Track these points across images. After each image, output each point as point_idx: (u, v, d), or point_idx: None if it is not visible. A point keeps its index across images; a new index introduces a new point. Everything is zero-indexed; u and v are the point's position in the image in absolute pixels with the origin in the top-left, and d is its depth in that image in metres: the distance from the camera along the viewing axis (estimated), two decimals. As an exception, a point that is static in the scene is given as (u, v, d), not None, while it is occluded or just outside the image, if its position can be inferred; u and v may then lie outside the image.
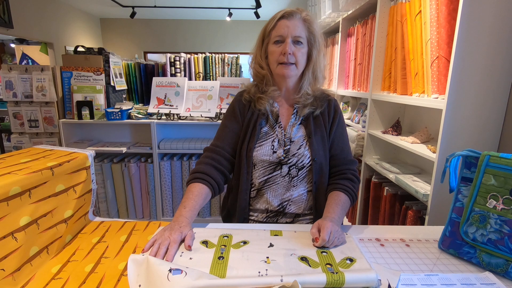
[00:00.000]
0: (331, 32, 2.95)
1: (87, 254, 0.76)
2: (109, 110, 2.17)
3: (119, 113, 2.18)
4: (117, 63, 2.39)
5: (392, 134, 1.78)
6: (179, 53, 2.77)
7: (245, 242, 0.79)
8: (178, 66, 2.67)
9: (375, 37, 1.84)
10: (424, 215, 1.41)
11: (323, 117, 1.04)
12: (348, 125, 2.39)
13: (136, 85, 2.73)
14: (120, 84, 2.43)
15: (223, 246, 0.77)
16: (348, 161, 1.04)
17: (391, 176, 1.66)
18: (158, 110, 2.29)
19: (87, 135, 2.50)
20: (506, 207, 0.67)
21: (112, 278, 0.66)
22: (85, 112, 2.19)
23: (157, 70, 2.70)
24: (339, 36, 2.53)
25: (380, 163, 1.85)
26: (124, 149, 2.25)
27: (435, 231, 0.88)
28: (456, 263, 0.74)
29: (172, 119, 2.27)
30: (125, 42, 7.00)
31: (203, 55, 2.79)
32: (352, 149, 2.14)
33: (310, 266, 0.69)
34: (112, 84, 2.29)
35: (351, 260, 0.72)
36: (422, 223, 1.41)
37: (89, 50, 2.31)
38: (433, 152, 1.35)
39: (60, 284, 0.65)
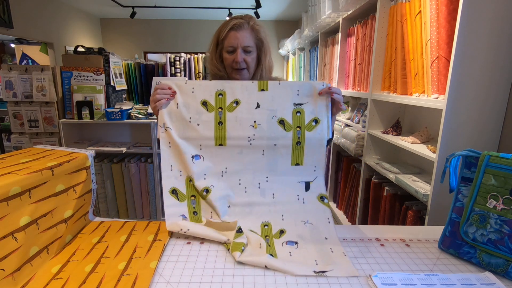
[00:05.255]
0: (331, 32, 2.95)
1: (87, 254, 0.76)
2: (109, 110, 2.17)
3: (119, 113, 2.18)
4: (117, 63, 2.39)
5: (392, 134, 1.78)
6: (179, 53, 2.78)
7: (237, 103, 0.92)
8: (178, 66, 2.68)
9: (375, 37, 1.84)
10: (424, 215, 1.41)
11: None
12: (348, 125, 2.39)
13: (136, 85, 2.73)
14: (120, 84, 2.43)
15: (220, 110, 0.91)
16: None
17: (391, 176, 1.66)
18: (158, 110, 2.29)
19: (87, 135, 2.50)
20: (506, 207, 0.67)
21: (112, 278, 0.66)
22: (85, 112, 2.19)
23: (157, 70, 2.70)
24: (339, 36, 2.53)
25: (380, 163, 1.85)
26: (124, 149, 2.25)
27: (435, 231, 0.88)
28: (456, 263, 0.74)
29: (172, 119, 2.27)
30: (125, 42, 7.00)
31: (203, 55, 2.79)
32: (352, 149, 2.14)
33: (285, 130, 0.89)
34: (112, 84, 2.29)
35: (316, 121, 0.89)
36: (422, 223, 1.41)
37: (89, 50, 2.31)
38: (433, 152, 1.35)
39: (60, 284, 0.65)
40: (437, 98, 1.32)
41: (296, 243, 0.82)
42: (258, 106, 0.91)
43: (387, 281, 0.65)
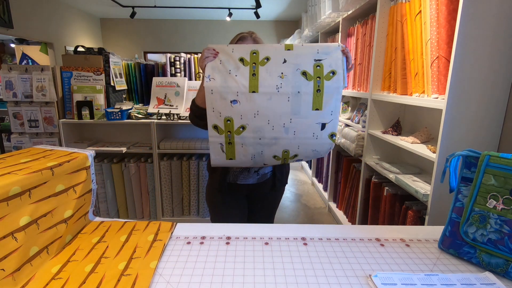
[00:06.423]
0: (331, 32, 2.95)
1: (87, 254, 0.76)
2: (109, 110, 2.18)
3: (119, 113, 2.18)
4: (117, 63, 2.39)
5: (392, 134, 1.78)
6: (179, 53, 2.77)
7: (268, 59, 1.08)
8: (178, 66, 2.67)
9: (375, 37, 1.84)
10: (424, 215, 1.41)
11: None
12: (348, 125, 2.39)
13: (136, 85, 2.72)
14: (120, 84, 2.43)
15: (253, 64, 1.08)
16: None
17: (391, 176, 1.66)
18: (158, 110, 2.29)
19: (87, 135, 2.50)
20: (506, 207, 0.67)
21: (112, 278, 0.66)
22: (85, 112, 2.19)
23: (157, 70, 2.69)
24: (339, 36, 2.53)
25: (380, 163, 1.85)
26: (124, 149, 2.25)
27: (435, 231, 0.88)
28: (456, 263, 0.74)
29: (172, 119, 2.27)
30: (125, 42, 7.00)
31: (203, 55, 2.78)
32: (352, 149, 2.14)
33: (307, 79, 1.06)
34: (112, 84, 2.29)
35: (333, 73, 1.06)
36: (422, 223, 1.41)
37: (89, 50, 2.31)
38: (433, 152, 1.36)
39: (60, 284, 0.65)
40: (437, 98, 1.32)
41: (302, 160, 1.19)
42: (285, 61, 1.08)
43: (387, 281, 0.65)
